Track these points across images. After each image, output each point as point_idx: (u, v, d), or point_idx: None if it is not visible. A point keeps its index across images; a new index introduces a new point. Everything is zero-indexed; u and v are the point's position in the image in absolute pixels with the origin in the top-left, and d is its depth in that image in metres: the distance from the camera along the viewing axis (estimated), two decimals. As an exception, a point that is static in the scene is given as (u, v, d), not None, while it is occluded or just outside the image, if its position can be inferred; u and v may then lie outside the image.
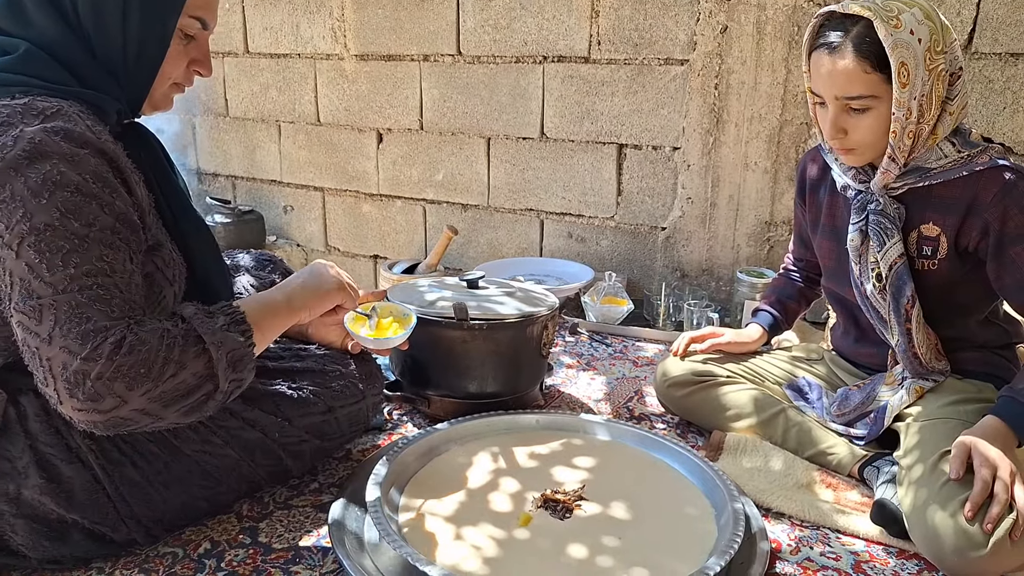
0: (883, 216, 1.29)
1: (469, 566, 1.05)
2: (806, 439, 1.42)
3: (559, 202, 2.56)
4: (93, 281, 0.86)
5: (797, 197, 1.55)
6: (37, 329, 0.84)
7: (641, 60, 2.30)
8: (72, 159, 0.87)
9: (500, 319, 1.50)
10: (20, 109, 0.87)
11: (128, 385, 0.84)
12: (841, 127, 1.24)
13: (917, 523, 1.13)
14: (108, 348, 0.84)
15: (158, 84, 1.02)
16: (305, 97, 2.95)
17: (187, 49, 1.03)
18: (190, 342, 0.90)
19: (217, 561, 1.09)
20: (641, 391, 1.78)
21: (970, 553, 1.06)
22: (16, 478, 0.98)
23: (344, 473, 1.34)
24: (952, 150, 1.24)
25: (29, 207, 0.84)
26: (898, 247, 1.28)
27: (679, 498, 1.25)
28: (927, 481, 1.15)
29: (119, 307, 0.87)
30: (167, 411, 0.89)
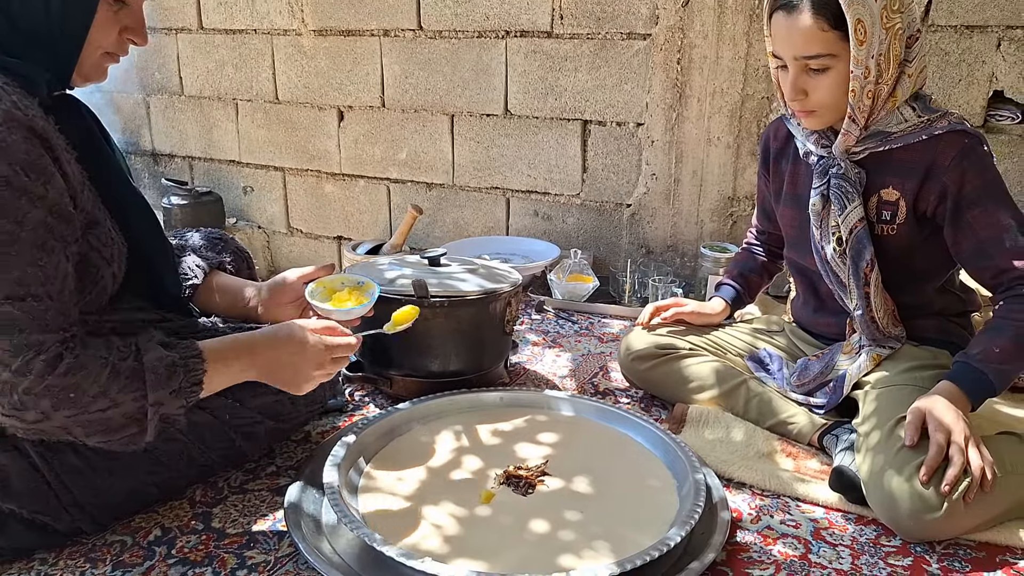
0: (844, 180, 1.29)
1: (429, 545, 1.04)
2: (767, 409, 1.42)
3: (525, 180, 2.54)
4: (26, 291, 0.84)
5: (760, 168, 1.55)
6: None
7: (604, 34, 2.28)
8: (0, 147, 0.82)
9: (461, 296, 1.48)
10: None
11: (54, 405, 0.85)
12: (801, 88, 1.24)
13: (874, 488, 1.14)
14: (40, 365, 0.84)
15: (87, 53, 0.96)
16: (263, 74, 2.87)
17: (118, 16, 0.98)
18: (131, 385, 0.89)
19: (168, 548, 1.06)
20: (606, 367, 1.77)
21: (925, 516, 1.08)
22: None
23: (302, 456, 1.31)
24: (912, 114, 1.25)
25: None
26: (858, 211, 1.29)
27: (641, 471, 1.25)
28: (884, 447, 1.17)
29: (53, 319, 0.86)
30: (88, 438, 0.90)
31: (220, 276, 1.31)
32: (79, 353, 0.87)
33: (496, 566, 0.99)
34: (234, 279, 1.32)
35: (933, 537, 1.12)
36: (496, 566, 0.99)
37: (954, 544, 1.13)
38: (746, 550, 1.11)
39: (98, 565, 1.02)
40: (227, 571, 1.02)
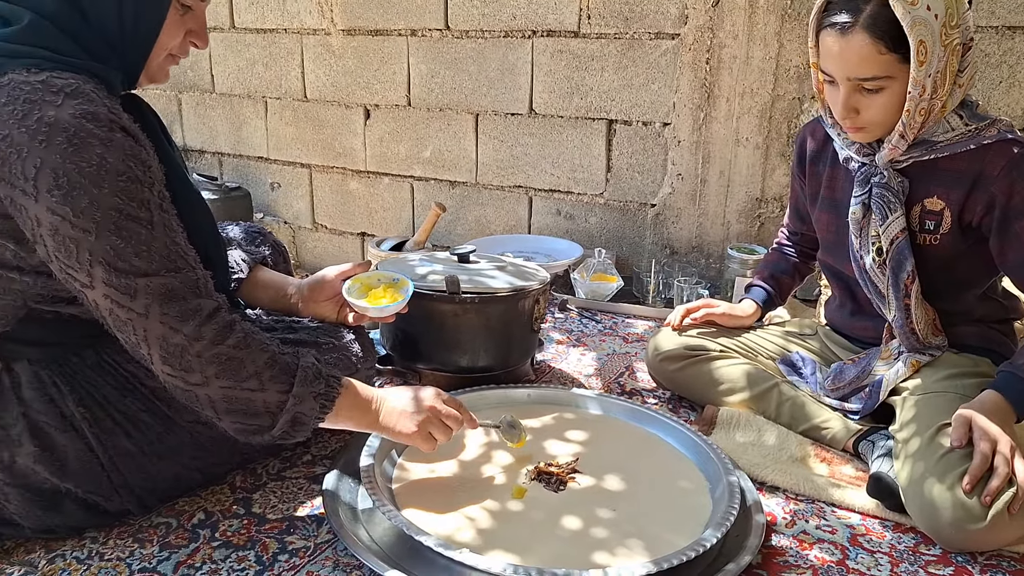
0: (887, 189, 1.27)
1: (463, 537, 1.05)
2: (799, 414, 1.42)
3: (548, 179, 2.55)
4: (173, 264, 0.91)
5: (795, 170, 1.52)
6: (131, 305, 0.89)
7: (631, 34, 2.28)
8: (109, 144, 0.87)
9: (492, 293, 1.49)
10: (40, 86, 0.86)
11: (217, 373, 0.92)
12: (853, 107, 1.21)
13: (914, 496, 1.14)
14: (211, 332, 0.92)
15: (154, 55, 1.00)
16: (292, 73, 2.90)
17: (184, 19, 1.01)
18: (282, 377, 0.96)
19: (211, 531, 1.08)
20: (632, 367, 1.78)
21: (968, 526, 1.07)
22: (10, 446, 0.97)
23: (336, 445, 1.33)
24: (959, 123, 1.22)
25: (93, 194, 0.86)
26: (900, 221, 1.26)
27: (673, 471, 1.25)
28: (924, 454, 1.16)
29: (204, 286, 0.95)
30: (225, 416, 0.95)
31: (263, 271, 1.34)
32: (248, 331, 0.95)
33: (530, 560, 1.00)
34: (276, 274, 1.35)
35: (975, 548, 1.11)
36: (530, 560, 1.00)
37: (997, 555, 1.11)
38: (782, 554, 1.11)
39: (145, 545, 1.04)
40: (269, 555, 1.04)
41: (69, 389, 1.00)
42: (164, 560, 1.02)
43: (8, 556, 1.02)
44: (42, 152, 0.84)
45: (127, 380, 1.05)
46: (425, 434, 1.09)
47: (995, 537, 1.08)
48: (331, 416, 1.02)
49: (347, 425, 1.07)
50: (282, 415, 0.96)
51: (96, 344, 1.04)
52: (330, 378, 1.02)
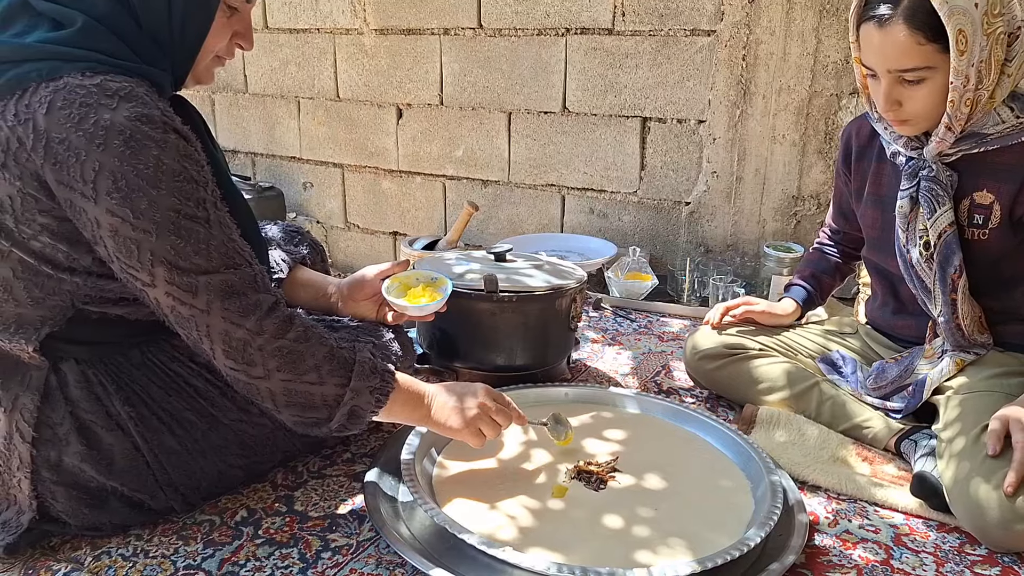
0: (935, 183, 1.25)
1: (504, 535, 1.05)
2: (840, 413, 1.40)
3: (581, 177, 2.54)
4: (231, 261, 0.93)
5: (841, 166, 1.50)
6: (193, 302, 0.91)
7: (667, 31, 2.26)
8: (164, 145, 0.89)
9: (529, 291, 1.48)
10: (95, 90, 0.87)
11: (278, 366, 0.94)
12: (895, 99, 1.20)
13: (959, 496, 1.12)
14: (272, 326, 0.94)
15: (202, 57, 1.01)
16: (324, 73, 2.92)
17: (230, 22, 1.02)
18: (341, 371, 0.98)
19: (255, 528, 1.09)
20: (668, 365, 1.76)
21: (1016, 526, 1.05)
22: (57, 444, 0.99)
23: (375, 444, 1.34)
24: (1010, 115, 1.20)
25: (151, 196, 0.87)
26: (949, 215, 1.24)
27: (713, 470, 1.24)
28: (969, 454, 1.14)
29: (262, 282, 0.96)
30: (285, 409, 0.97)
31: (302, 271, 1.35)
32: (308, 325, 0.97)
33: (572, 559, 1.00)
34: (315, 274, 1.36)
35: (1023, 548, 1.09)
36: (572, 559, 1.00)
37: (1044, 555, 1.09)
38: (825, 553, 1.09)
39: (189, 543, 1.06)
40: (312, 553, 1.05)
41: (115, 388, 1.02)
42: (208, 557, 1.03)
43: (54, 553, 1.03)
44: (100, 155, 0.85)
45: (172, 379, 1.06)
46: (475, 430, 1.09)
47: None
48: (385, 410, 1.03)
49: (399, 419, 1.08)
50: (340, 408, 0.98)
51: (142, 344, 1.05)
52: (385, 372, 1.03)
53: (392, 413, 1.05)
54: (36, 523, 1.00)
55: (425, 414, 1.08)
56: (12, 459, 0.98)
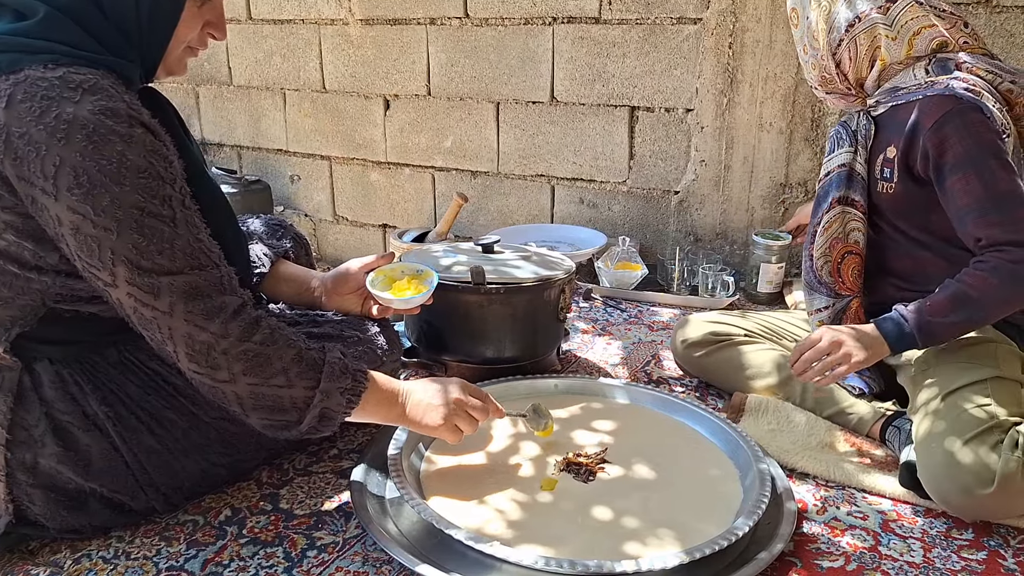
0: (843, 127, 1.38)
1: (493, 529, 1.04)
2: (825, 398, 1.40)
3: (570, 167, 2.52)
4: (197, 261, 0.91)
5: None
6: (155, 304, 0.89)
7: (653, 19, 2.25)
8: (129, 140, 0.86)
9: (517, 283, 1.47)
10: (57, 83, 0.85)
11: (244, 370, 0.91)
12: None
13: (924, 459, 1.14)
14: (237, 329, 0.91)
15: (172, 47, 0.99)
16: (310, 64, 2.89)
17: (202, 11, 1.00)
18: (310, 374, 0.96)
19: (239, 528, 1.08)
20: (658, 355, 1.76)
21: (977, 491, 1.07)
22: (33, 446, 0.97)
23: (363, 439, 1.33)
24: (923, 75, 1.28)
25: (114, 192, 0.85)
26: (842, 157, 1.36)
27: (702, 460, 1.24)
28: (936, 417, 1.16)
29: (228, 283, 0.94)
30: (252, 413, 0.95)
31: (285, 265, 1.33)
32: (275, 327, 0.94)
33: (561, 551, 0.99)
34: (298, 268, 1.34)
35: (984, 515, 1.11)
36: (561, 551, 0.99)
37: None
38: (814, 541, 1.09)
39: (172, 543, 1.04)
40: (297, 551, 1.04)
41: (92, 388, 1.00)
42: (192, 558, 1.02)
43: (33, 557, 1.02)
44: (61, 150, 0.83)
45: (150, 378, 1.04)
46: (451, 426, 1.08)
47: (1005, 504, 1.08)
48: (358, 410, 1.01)
49: (373, 419, 1.06)
50: (309, 411, 0.96)
51: (118, 342, 1.03)
52: (357, 372, 1.01)
53: (365, 413, 1.03)
54: (13, 527, 0.99)
55: (400, 412, 1.07)
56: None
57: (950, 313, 1.19)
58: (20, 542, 1.02)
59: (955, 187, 1.20)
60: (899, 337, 1.21)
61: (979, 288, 1.17)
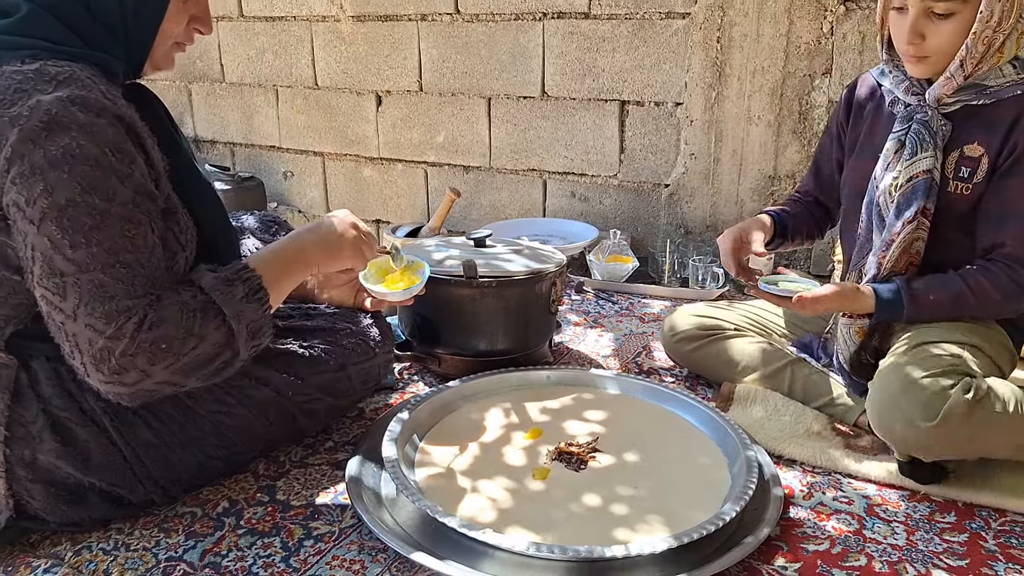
0: (925, 127, 1.26)
1: (485, 517, 1.06)
2: (813, 389, 1.43)
3: (561, 161, 2.54)
4: (115, 259, 0.87)
5: (840, 118, 1.47)
6: (62, 305, 0.86)
7: (642, 14, 2.27)
8: (89, 130, 0.86)
9: (509, 276, 1.49)
10: (32, 75, 0.85)
11: (150, 360, 0.88)
12: (920, 31, 1.20)
13: (878, 389, 1.19)
14: (131, 327, 0.87)
15: (159, 43, 1.00)
16: (302, 60, 2.90)
17: (187, 6, 1.01)
18: (210, 315, 0.92)
19: (236, 519, 1.10)
20: (649, 346, 1.78)
21: (919, 423, 1.12)
22: (31, 443, 0.98)
23: (358, 431, 1.35)
24: (1012, 71, 1.22)
25: (49, 181, 0.84)
26: (927, 162, 1.25)
27: (691, 448, 1.26)
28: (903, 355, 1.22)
29: (141, 285, 0.89)
30: (188, 379, 0.93)
31: None
32: (157, 308, 0.89)
33: (552, 538, 1.02)
34: None
35: (919, 448, 1.16)
36: (552, 538, 1.02)
37: (1010, 522, 1.13)
38: (800, 525, 1.12)
39: (171, 535, 1.06)
40: (294, 541, 1.05)
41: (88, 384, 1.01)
42: (190, 548, 1.04)
43: (34, 549, 1.03)
44: (15, 137, 0.83)
45: None
46: (359, 251, 1.11)
47: (940, 440, 1.13)
48: (274, 295, 1.00)
49: (293, 287, 1.07)
50: (237, 339, 0.94)
51: None
52: (242, 272, 0.98)
53: (281, 292, 1.03)
54: (13, 521, 1.00)
55: (307, 266, 1.08)
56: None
57: (945, 307, 1.25)
58: (21, 535, 1.04)
59: (1015, 187, 1.21)
60: (888, 311, 1.28)
61: (980, 296, 1.22)
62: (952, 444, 1.15)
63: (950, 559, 1.05)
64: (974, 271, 1.24)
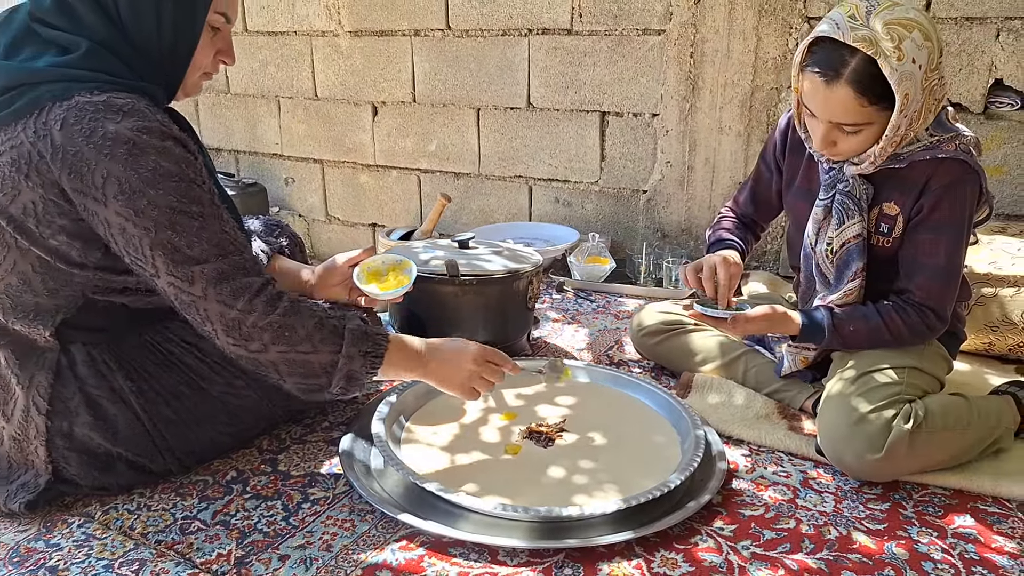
0: (848, 197, 1.34)
1: (461, 485, 1.21)
2: (764, 378, 1.57)
3: (546, 169, 2.69)
4: (222, 249, 1.06)
5: (773, 154, 1.53)
6: (191, 290, 1.04)
7: (620, 31, 2.42)
8: (164, 151, 1.03)
9: (488, 275, 1.64)
10: (102, 106, 1.01)
11: (273, 339, 1.06)
12: (832, 140, 1.27)
13: (826, 422, 1.31)
14: (261, 304, 1.05)
15: (190, 73, 1.15)
16: (303, 73, 3.06)
17: (213, 41, 1.16)
18: (331, 339, 1.09)
19: (243, 486, 1.25)
20: (620, 341, 1.93)
21: (867, 455, 1.24)
22: (68, 416, 1.14)
23: (351, 413, 1.50)
24: (926, 135, 1.29)
25: (149, 196, 1.01)
26: (856, 228, 1.34)
27: (649, 428, 1.41)
28: (847, 383, 1.32)
29: (252, 266, 1.09)
30: (288, 377, 1.09)
31: (281, 260, 1.49)
32: (295, 300, 1.09)
33: (519, 501, 1.16)
34: (292, 263, 1.50)
35: (871, 475, 1.27)
36: (519, 501, 1.16)
37: (931, 494, 1.26)
38: (740, 495, 1.26)
39: (186, 498, 1.21)
40: (294, 504, 1.21)
41: (118, 366, 1.16)
42: (203, 510, 1.19)
43: (68, 510, 1.19)
44: (107, 164, 0.99)
45: (166, 357, 1.21)
46: (469, 388, 1.23)
47: (889, 467, 1.25)
48: (383, 370, 1.14)
49: (400, 377, 1.20)
50: (336, 373, 1.09)
51: (140, 327, 1.20)
52: (377, 336, 1.14)
53: (389, 373, 1.17)
54: (51, 484, 1.15)
55: (422, 373, 1.21)
56: (29, 429, 1.13)
57: (862, 337, 1.36)
58: (57, 497, 1.19)
59: (925, 243, 1.31)
60: (811, 336, 1.41)
61: (894, 333, 1.34)
62: (898, 470, 1.26)
63: (870, 524, 1.19)
64: (890, 308, 1.34)
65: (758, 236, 1.69)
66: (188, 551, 1.09)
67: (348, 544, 1.11)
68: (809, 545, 1.13)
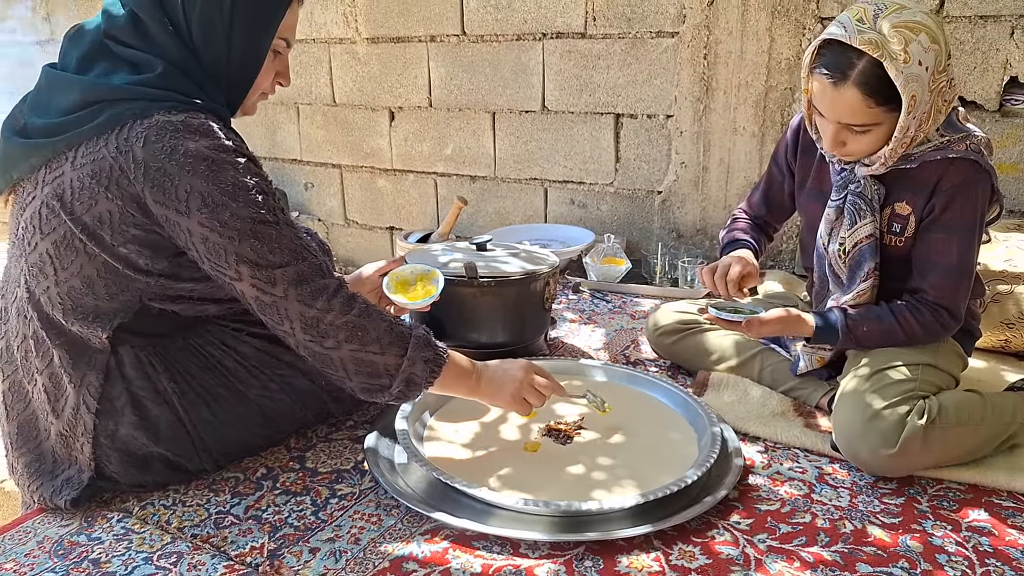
0: (860, 198, 1.36)
1: (483, 481, 1.24)
2: (780, 376, 1.59)
3: (561, 171, 2.72)
4: (298, 255, 1.12)
5: (785, 156, 1.55)
6: (272, 291, 1.10)
7: (634, 34, 2.45)
8: (238, 167, 1.08)
9: (506, 276, 1.68)
10: (180, 126, 1.06)
11: (347, 337, 1.12)
12: (842, 141, 1.30)
13: (841, 418, 1.32)
14: (338, 303, 1.12)
15: (251, 94, 1.21)
16: (321, 80, 3.11)
17: (274, 64, 1.21)
18: (398, 343, 1.15)
19: (273, 482, 1.29)
20: (637, 340, 1.96)
21: (881, 451, 1.26)
22: (115, 416, 1.19)
23: (375, 412, 1.53)
24: (937, 135, 1.30)
25: (231, 208, 1.07)
26: (868, 228, 1.36)
27: (666, 426, 1.44)
28: (862, 380, 1.34)
29: (326, 268, 1.15)
30: (354, 376, 1.14)
31: None
32: (369, 304, 1.15)
33: (540, 496, 1.19)
34: None
35: (885, 470, 1.29)
36: (540, 496, 1.19)
37: (945, 488, 1.28)
38: (756, 490, 1.28)
39: (219, 494, 1.26)
40: (322, 500, 1.25)
41: (163, 368, 1.21)
42: (236, 505, 1.23)
43: (107, 505, 1.23)
44: (190, 179, 1.05)
45: (207, 360, 1.26)
46: (520, 399, 1.27)
47: (904, 463, 1.27)
48: (439, 380, 1.19)
49: (451, 391, 1.26)
50: (398, 376, 1.15)
51: (185, 332, 1.25)
52: (438, 347, 1.19)
53: (444, 384, 1.21)
54: (93, 481, 1.20)
55: (474, 387, 1.26)
56: (78, 426, 1.18)
57: (876, 337, 1.38)
58: (96, 493, 1.24)
59: (937, 242, 1.32)
60: (825, 337, 1.42)
61: (908, 333, 1.36)
62: (912, 465, 1.28)
63: (885, 518, 1.21)
64: (904, 308, 1.36)
65: (771, 237, 1.71)
66: (223, 544, 1.14)
67: (375, 537, 1.15)
68: (824, 538, 1.15)
